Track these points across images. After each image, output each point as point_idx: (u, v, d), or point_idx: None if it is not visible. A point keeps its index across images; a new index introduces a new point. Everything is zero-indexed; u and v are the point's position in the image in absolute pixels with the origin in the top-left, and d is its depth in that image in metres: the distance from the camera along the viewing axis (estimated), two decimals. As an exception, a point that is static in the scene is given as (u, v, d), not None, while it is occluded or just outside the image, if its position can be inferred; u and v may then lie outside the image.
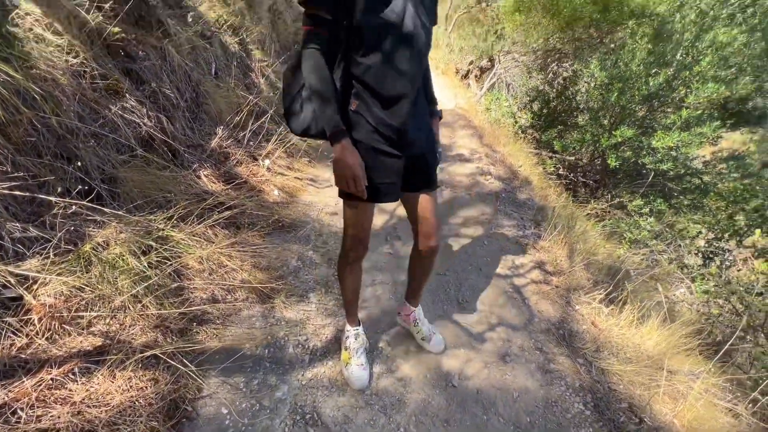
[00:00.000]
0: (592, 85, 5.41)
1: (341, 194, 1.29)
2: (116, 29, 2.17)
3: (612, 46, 5.45)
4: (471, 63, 9.49)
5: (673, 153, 4.86)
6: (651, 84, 4.53)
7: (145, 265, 1.62)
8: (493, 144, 5.16)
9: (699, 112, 4.50)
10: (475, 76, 9.58)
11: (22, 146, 1.59)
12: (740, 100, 5.16)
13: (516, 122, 6.85)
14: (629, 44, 4.93)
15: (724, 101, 5.02)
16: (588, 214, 4.84)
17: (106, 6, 2.10)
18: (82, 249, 1.54)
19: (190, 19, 3.05)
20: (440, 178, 3.88)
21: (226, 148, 2.92)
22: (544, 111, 6.86)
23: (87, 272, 1.49)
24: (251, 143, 3.16)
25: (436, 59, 10.09)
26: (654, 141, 4.80)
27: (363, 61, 1.15)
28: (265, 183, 2.85)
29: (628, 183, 6.22)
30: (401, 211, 2.90)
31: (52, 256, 1.46)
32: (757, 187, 4.04)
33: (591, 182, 6.94)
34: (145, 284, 1.56)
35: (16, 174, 1.44)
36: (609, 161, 5.17)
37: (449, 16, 11.32)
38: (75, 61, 1.86)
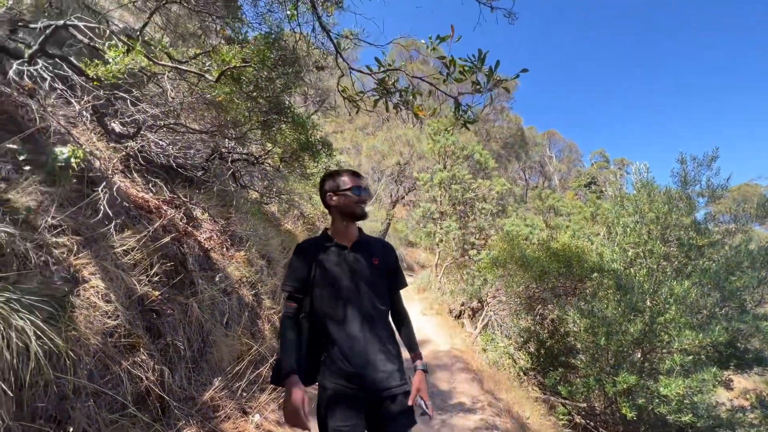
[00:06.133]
0: (581, 327, 5.70)
1: None
2: (156, 292, 2.59)
3: (585, 294, 6.12)
4: (462, 304, 10.24)
5: (687, 401, 4.60)
6: (632, 330, 4.82)
7: None
8: (495, 390, 4.94)
9: (691, 357, 4.58)
10: (468, 316, 10.12)
11: (23, 410, 1.62)
12: (728, 345, 5.32)
13: (515, 363, 6.75)
14: (599, 294, 5.55)
15: (713, 346, 5.18)
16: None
17: (156, 278, 2.58)
18: None
19: (217, 279, 3.61)
20: (442, 434, 3.53)
21: (217, 400, 2.84)
22: (542, 351, 6.89)
23: None
24: (245, 394, 3.08)
25: (430, 300, 10.95)
26: (662, 388, 4.64)
27: (324, 324, 1.57)
28: (250, 444, 2.60)
29: (658, 436, 5.52)
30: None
31: None
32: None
33: (615, 435, 6.15)
34: None
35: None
36: (624, 411, 4.81)
37: (439, 264, 13.09)
38: (112, 323, 2.14)
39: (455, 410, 4.07)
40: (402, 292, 1.84)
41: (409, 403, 1.53)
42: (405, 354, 1.73)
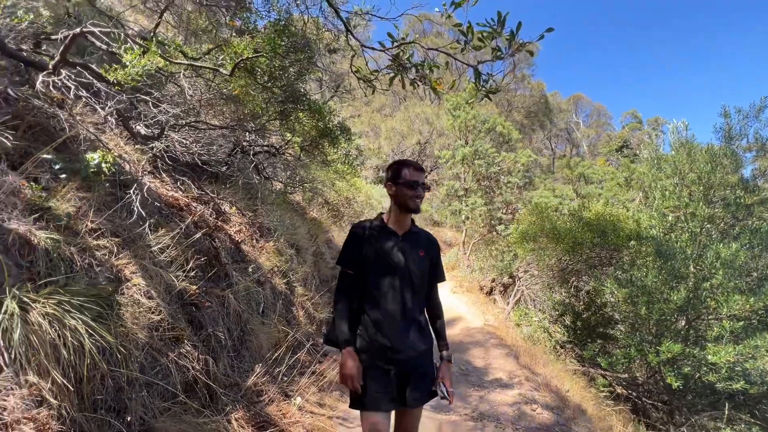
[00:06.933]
0: (619, 298, 5.52)
1: (352, 405, 1.67)
2: (194, 287, 2.69)
3: (622, 264, 5.88)
4: (493, 280, 10.14)
5: (738, 368, 4.39)
6: (675, 298, 4.61)
7: None
8: (532, 364, 4.90)
9: (741, 323, 4.35)
10: (500, 292, 10.03)
11: (85, 402, 1.74)
12: (781, 307, 5.00)
13: (551, 337, 6.65)
14: (637, 263, 5.32)
15: (767, 310, 4.88)
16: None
17: (192, 273, 2.68)
18: None
19: (250, 270, 3.71)
20: (481, 410, 3.55)
21: (260, 385, 2.96)
22: (578, 324, 6.74)
23: None
24: (285, 378, 3.20)
25: (459, 278, 10.91)
26: (710, 356, 4.45)
27: (367, 299, 1.70)
28: (294, 425, 2.71)
29: (707, 404, 5.34)
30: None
31: None
32: None
33: (660, 404, 6.01)
34: None
35: (72, 435, 1.53)
36: (669, 380, 4.66)
37: (466, 242, 12.96)
38: (156, 318, 2.25)
39: (492, 386, 4.07)
40: None
41: (433, 387, 1.69)
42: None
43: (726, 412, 4.33)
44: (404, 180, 1.69)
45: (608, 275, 5.79)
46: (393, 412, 1.72)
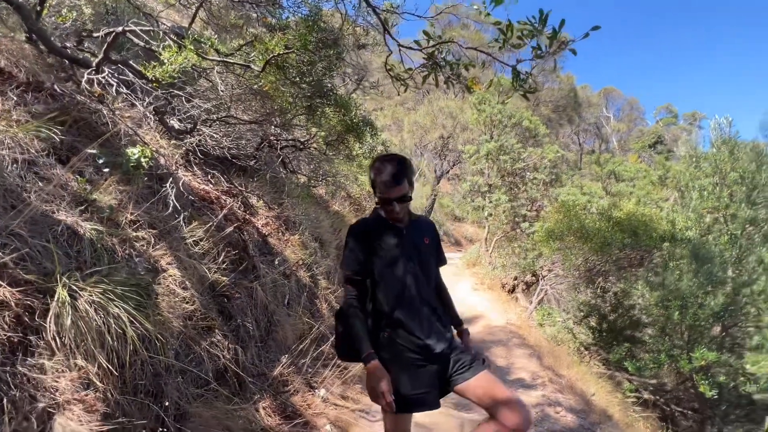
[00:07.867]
0: (650, 301, 5.33)
1: (397, 410, 1.53)
2: (225, 279, 2.77)
3: (654, 266, 5.66)
4: (515, 278, 9.97)
5: (779, 380, 4.17)
6: (712, 303, 4.41)
7: None
8: (556, 366, 4.81)
9: (784, 332, 4.12)
10: (522, 290, 9.86)
11: (126, 386, 1.84)
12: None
13: (575, 338, 6.50)
14: (671, 265, 5.11)
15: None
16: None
17: (224, 265, 2.76)
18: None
19: (276, 263, 3.79)
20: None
21: (286, 376, 3.04)
22: (604, 326, 6.57)
23: None
24: (310, 370, 3.27)
25: (480, 275, 10.79)
26: (748, 365, 4.25)
27: (385, 303, 1.62)
28: (318, 416, 2.77)
29: (742, 416, 5.11)
30: None
31: None
32: None
33: (690, 412, 5.79)
34: None
35: (117, 420, 1.62)
36: (701, 389, 4.48)
37: (488, 238, 12.78)
38: (190, 308, 2.34)
39: (515, 386, 4.03)
40: (451, 267, 1.91)
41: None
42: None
43: (766, 426, 4.13)
44: (379, 197, 1.62)
45: (639, 277, 5.59)
46: (461, 393, 1.62)
